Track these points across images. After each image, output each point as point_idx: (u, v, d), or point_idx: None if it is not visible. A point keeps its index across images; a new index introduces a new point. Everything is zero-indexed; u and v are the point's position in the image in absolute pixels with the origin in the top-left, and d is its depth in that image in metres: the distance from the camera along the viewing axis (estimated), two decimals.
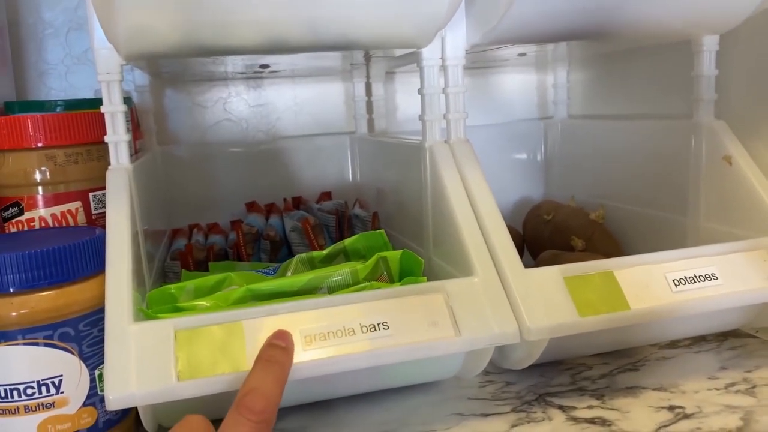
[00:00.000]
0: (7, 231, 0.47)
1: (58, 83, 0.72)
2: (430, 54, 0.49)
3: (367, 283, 0.44)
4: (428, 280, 0.45)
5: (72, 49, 0.72)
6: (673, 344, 0.54)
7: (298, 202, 0.75)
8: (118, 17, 0.39)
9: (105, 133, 0.45)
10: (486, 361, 0.43)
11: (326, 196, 0.77)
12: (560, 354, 0.51)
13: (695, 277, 0.45)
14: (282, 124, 0.79)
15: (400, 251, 0.46)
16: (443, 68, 0.50)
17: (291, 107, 0.79)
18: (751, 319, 0.52)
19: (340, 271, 0.45)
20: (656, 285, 0.44)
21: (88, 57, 0.73)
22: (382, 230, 0.49)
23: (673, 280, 0.45)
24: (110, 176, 0.44)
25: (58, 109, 0.56)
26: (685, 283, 0.45)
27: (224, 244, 0.65)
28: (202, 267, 0.61)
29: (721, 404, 0.44)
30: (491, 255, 0.44)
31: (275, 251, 0.64)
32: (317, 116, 0.80)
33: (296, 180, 0.77)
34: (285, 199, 0.75)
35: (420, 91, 0.51)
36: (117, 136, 0.45)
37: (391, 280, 0.45)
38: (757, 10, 0.49)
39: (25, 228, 0.47)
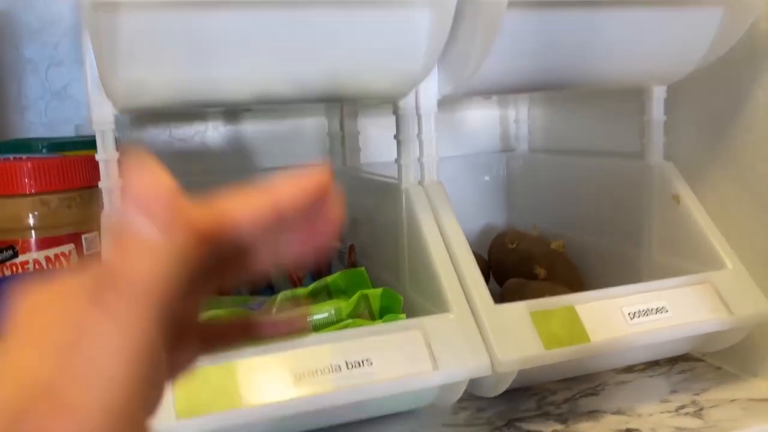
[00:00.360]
0: (1, 274, 0.49)
1: (38, 118, 0.74)
2: (405, 104, 0.53)
3: (350, 320, 0.47)
4: (405, 312, 0.49)
5: (51, 85, 0.74)
6: (629, 369, 0.58)
7: None
8: (119, 75, 0.41)
9: (96, 177, 0.48)
10: (461, 391, 0.47)
11: None
12: (527, 381, 0.54)
13: (648, 310, 0.49)
14: (259, 157, 0.82)
15: (381, 289, 0.49)
16: (417, 116, 0.54)
17: (268, 140, 0.82)
18: (698, 345, 0.56)
19: (325, 309, 0.48)
20: (613, 318, 0.49)
21: (68, 92, 0.74)
22: (363, 268, 0.53)
23: (629, 314, 0.49)
24: (105, 222, 0.47)
25: (44, 150, 0.58)
26: (639, 316, 0.49)
27: None
28: None
29: (673, 426, 0.48)
30: (464, 292, 0.48)
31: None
32: (293, 149, 0.82)
33: None
34: None
35: (396, 137, 0.55)
36: (110, 182, 0.48)
37: (372, 317, 0.49)
38: (700, 65, 0.54)
39: (20, 270, 0.48)
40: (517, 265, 0.74)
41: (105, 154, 0.47)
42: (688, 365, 0.58)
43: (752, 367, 0.55)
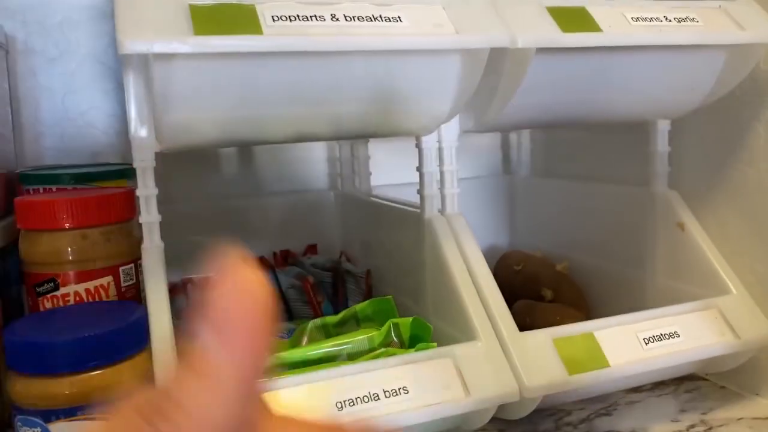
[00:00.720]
0: (42, 305, 0.50)
1: (54, 144, 0.75)
2: (428, 139, 0.55)
3: (383, 350, 0.49)
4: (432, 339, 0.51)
5: (68, 113, 0.75)
6: (637, 389, 0.61)
7: (286, 255, 0.79)
8: (169, 118, 0.43)
9: (133, 210, 0.49)
10: (490, 415, 0.49)
11: (312, 248, 0.81)
12: (545, 402, 0.57)
13: (661, 335, 0.52)
14: (267, 180, 0.83)
15: (411, 318, 0.51)
16: (439, 149, 0.56)
17: (277, 163, 0.84)
18: (704, 366, 0.59)
19: (357, 339, 0.50)
20: (630, 343, 0.51)
21: (84, 119, 0.75)
22: (391, 297, 0.55)
23: (644, 339, 0.52)
24: (146, 256, 0.48)
25: (70, 180, 0.59)
26: (653, 341, 0.52)
27: None
28: None
29: None
30: (490, 321, 0.50)
31: None
32: (302, 171, 0.84)
33: (281, 231, 0.82)
34: (275, 253, 0.79)
35: (418, 169, 0.57)
36: (150, 216, 0.49)
37: (402, 345, 0.51)
38: (704, 103, 0.58)
39: (60, 303, 0.50)
40: (523, 287, 0.77)
41: (146, 190, 0.49)
42: (693, 385, 0.61)
43: (755, 386, 0.58)
